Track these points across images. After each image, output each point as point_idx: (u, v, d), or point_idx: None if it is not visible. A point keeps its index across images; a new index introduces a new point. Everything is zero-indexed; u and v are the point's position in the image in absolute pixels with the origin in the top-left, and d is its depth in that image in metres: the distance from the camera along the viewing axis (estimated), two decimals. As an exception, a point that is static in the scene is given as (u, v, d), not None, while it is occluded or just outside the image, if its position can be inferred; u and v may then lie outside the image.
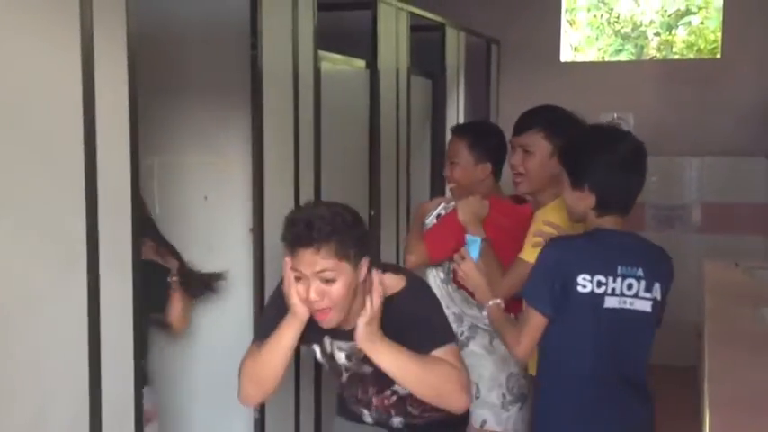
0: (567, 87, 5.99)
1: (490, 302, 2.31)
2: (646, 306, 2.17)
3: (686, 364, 5.73)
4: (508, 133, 3.63)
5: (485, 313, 2.38)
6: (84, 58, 1.90)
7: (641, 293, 2.16)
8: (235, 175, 2.95)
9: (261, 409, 2.85)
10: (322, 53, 3.22)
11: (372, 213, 3.76)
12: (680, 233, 5.87)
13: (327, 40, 3.27)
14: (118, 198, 2.05)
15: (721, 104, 5.79)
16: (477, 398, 2.84)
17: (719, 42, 5.92)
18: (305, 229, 2.00)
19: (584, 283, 2.12)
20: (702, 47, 6.31)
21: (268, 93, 2.80)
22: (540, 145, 2.68)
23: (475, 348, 2.91)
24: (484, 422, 2.90)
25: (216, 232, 3.03)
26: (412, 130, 4.30)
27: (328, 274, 2.02)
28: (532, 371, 2.54)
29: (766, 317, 3.17)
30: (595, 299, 2.13)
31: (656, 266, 2.22)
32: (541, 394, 2.33)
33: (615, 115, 5.81)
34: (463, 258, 2.37)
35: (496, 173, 2.99)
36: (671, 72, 5.94)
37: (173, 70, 2.96)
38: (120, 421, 2.09)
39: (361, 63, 3.71)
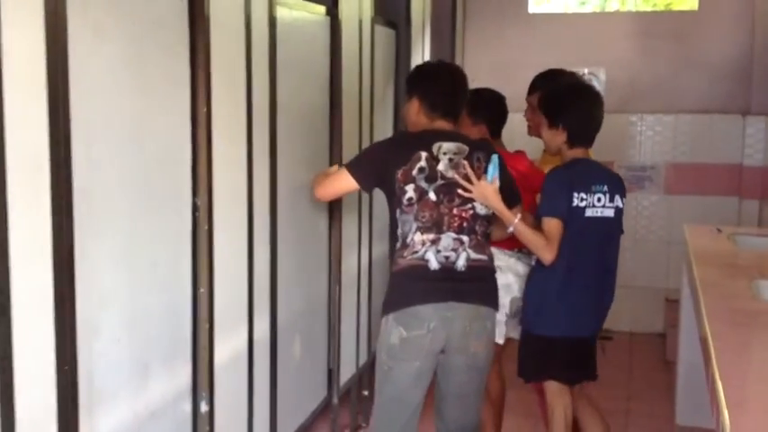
0: (537, 40, 5.69)
1: (516, 220, 2.88)
2: (610, 213, 3.00)
3: (655, 330, 5.57)
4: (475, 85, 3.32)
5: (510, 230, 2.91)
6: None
7: (607, 204, 2.98)
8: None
9: (210, 400, 2.53)
10: (278, -4, 2.85)
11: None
12: (650, 194, 5.65)
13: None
14: (33, 170, 1.67)
15: (696, 60, 5.53)
16: None
17: (692, -6, 5.64)
18: None
19: (575, 200, 2.94)
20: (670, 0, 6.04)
21: (216, 43, 2.42)
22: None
23: None
24: None
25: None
26: (375, 83, 3.98)
27: None
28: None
29: (761, 291, 3.00)
30: (580, 211, 2.96)
31: (615, 183, 3.05)
32: (536, 281, 3.08)
33: (586, 71, 5.51)
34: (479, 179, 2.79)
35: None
36: (645, 25, 5.65)
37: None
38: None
39: (320, 9, 3.34)
